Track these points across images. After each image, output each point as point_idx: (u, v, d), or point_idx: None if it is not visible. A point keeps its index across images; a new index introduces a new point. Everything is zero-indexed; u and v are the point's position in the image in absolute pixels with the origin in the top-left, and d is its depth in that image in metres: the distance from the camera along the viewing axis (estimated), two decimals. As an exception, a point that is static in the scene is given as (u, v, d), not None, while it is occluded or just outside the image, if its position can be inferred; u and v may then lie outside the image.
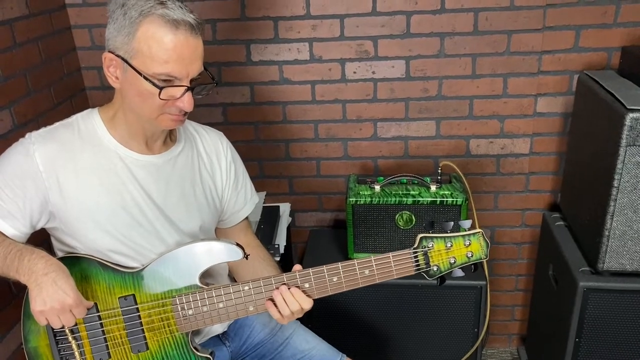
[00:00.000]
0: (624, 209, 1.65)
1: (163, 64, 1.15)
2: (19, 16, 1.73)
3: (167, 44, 1.14)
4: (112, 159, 1.28)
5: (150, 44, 1.14)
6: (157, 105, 1.19)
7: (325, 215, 2.36)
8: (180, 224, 1.36)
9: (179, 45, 1.14)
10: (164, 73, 1.15)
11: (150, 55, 1.14)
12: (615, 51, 1.99)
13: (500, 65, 2.05)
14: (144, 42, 1.14)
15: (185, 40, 1.15)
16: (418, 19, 2.01)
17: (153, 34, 1.13)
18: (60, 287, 1.14)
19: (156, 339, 1.28)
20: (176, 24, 1.13)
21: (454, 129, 2.16)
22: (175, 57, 1.15)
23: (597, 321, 1.78)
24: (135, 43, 1.15)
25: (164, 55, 1.14)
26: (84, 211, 1.25)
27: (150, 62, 1.15)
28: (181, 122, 1.26)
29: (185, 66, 1.17)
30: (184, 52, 1.15)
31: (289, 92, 2.14)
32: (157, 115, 1.22)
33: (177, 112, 1.22)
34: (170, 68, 1.15)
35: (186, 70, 1.17)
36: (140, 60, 1.15)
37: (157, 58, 1.14)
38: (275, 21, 2.04)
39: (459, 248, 1.26)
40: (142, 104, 1.20)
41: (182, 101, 1.19)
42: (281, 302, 1.24)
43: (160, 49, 1.14)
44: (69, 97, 2.02)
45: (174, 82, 1.17)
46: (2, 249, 1.20)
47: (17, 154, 1.24)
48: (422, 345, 2.04)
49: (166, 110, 1.21)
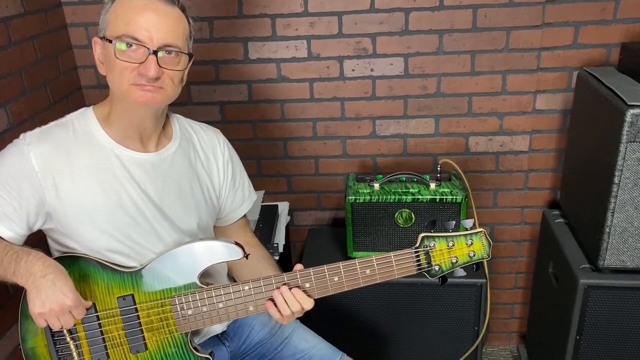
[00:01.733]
0: (625, 205, 1.64)
1: (124, 25, 1.17)
2: (15, 14, 1.72)
3: (134, 7, 1.17)
4: (108, 157, 1.27)
5: (120, 11, 1.18)
6: (120, 70, 1.17)
7: (324, 213, 2.35)
8: (178, 222, 1.35)
9: (145, 8, 1.17)
10: (124, 34, 1.16)
11: (116, 20, 1.18)
12: (614, 47, 1.98)
13: (499, 62, 2.04)
14: (113, 11, 1.19)
15: (152, 4, 1.17)
16: (417, 16, 2.00)
17: (121, 2, 1.18)
18: (59, 289, 1.13)
19: (155, 339, 1.27)
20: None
21: (453, 127, 2.15)
22: (137, 18, 1.16)
23: (597, 318, 1.77)
24: (109, 15, 1.19)
25: (126, 17, 1.17)
26: (81, 211, 1.24)
27: (114, 26, 1.18)
28: (152, 98, 1.20)
29: (149, 29, 1.16)
30: (149, 16, 1.17)
31: (287, 90, 2.13)
32: (126, 87, 1.19)
33: (143, 81, 1.18)
34: (132, 29, 1.16)
35: (149, 34, 1.16)
36: (109, 29, 1.19)
37: (120, 20, 1.17)
38: (272, 19, 2.03)
39: (460, 247, 1.25)
40: (113, 77, 1.20)
41: (145, 66, 1.16)
42: (282, 302, 1.23)
43: (124, 11, 1.18)
44: (65, 96, 2.01)
45: (137, 44, 1.17)
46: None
47: (11, 155, 1.23)
48: (422, 343, 2.03)
49: (132, 80, 1.18)
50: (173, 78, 1.22)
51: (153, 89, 1.20)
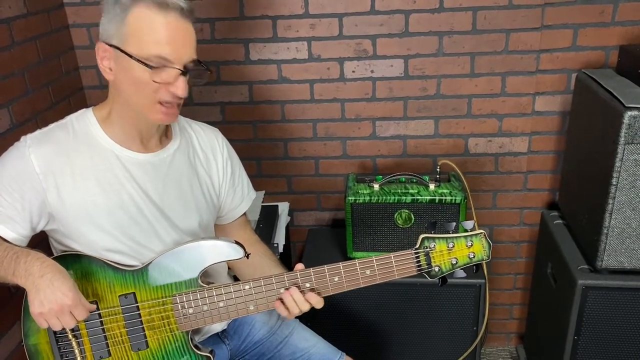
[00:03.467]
0: (623, 206, 1.65)
1: (155, 45, 1.15)
2: (17, 15, 1.73)
3: (158, 25, 1.14)
4: (108, 158, 1.27)
5: (142, 27, 1.14)
6: (150, 91, 1.18)
7: (324, 214, 2.36)
8: (178, 221, 1.36)
9: (169, 26, 1.15)
10: (156, 55, 1.15)
11: (142, 37, 1.15)
12: (613, 50, 1.99)
13: (498, 64, 2.05)
14: (136, 25, 1.15)
15: (176, 22, 1.16)
16: (417, 18, 2.01)
17: (144, 17, 1.14)
18: (57, 288, 1.13)
19: (156, 337, 1.28)
20: (165, 6, 1.14)
21: (453, 128, 2.16)
22: (166, 39, 1.15)
23: (595, 319, 1.78)
24: (126, 28, 1.15)
25: (155, 37, 1.14)
26: (82, 212, 1.25)
27: (142, 44, 1.15)
28: (174, 116, 1.25)
29: (177, 49, 1.16)
30: (176, 34, 1.16)
31: (288, 91, 2.14)
32: (152, 105, 1.20)
33: (171, 99, 1.20)
34: (162, 49, 1.15)
35: (178, 53, 1.17)
36: (132, 45, 1.16)
37: (148, 39, 1.15)
38: (273, 20, 2.04)
39: (460, 249, 1.26)
40: (137, 93, 1.19)
41: (176, 86, 1.18)
42: (291, 303, 1.24)
43: (152, 31, 1.14)
44: (67, 96, 2.02)
45: (167, 65, 1.17)
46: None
47: (13, 158, 1.23)
48: (421, 343, 2.04)
49: (160, 98, 1.19)
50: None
51: (176, 109, 1.23)
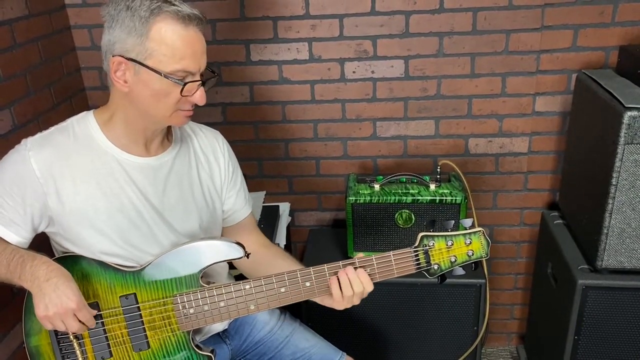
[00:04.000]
0: (623, 206, 1.65)
1: (179, 60, 1.16)
2: (19, 16, 1.74)
3: (182, 40, 1.16)
4: (108, 162, 1.28)
5: (166, 42, 1.15)
6: (172, 102, 1.20)
7: (325, 214, 2.36)
8: (178, 225, 1.36)
9: (192, 40, 1.17)
10: (181, 69, 1.17)
11: (167, 53, 1.15)
12: (613, 50, 2.00)
13: (498, 65, 2.06)
14: (159, 40, 1.14)
15: (196, 35, 1.18)
16: (417, 19, 2.01)
17: (167, 32, 1.14)
18: (62, 292, 1.14)
19: (157, 337, 1.29)
20: (188, 19, 1.15)
21: (453, 128, 2.17)
22: (190, 53, 1.17)
23: (595, 319, 1.78)
24: (149, 43, 1.14)
25: (180, 52, 1.16)
26: (83, 215, 1.25)
27: (166, 60, 1.15)
28: (190, 118, 1.29)
29: (198, 60, 1.19)
30: (196, 47, 1.18)
31: (289, 92, 2.15)
32: (171, 114, 1.23)
33: (190, 108, 1.24)
34: (187, 64, 1.17)
35: (198, 65, 1.20)
36: (156, 60, 1.16)
37: (173, 55, 1.15)
38: (274, 21, 2.05)
39: (459, 247, 1.26)
40: (157, 104, 1.21)
41: (196, 96, 1.21)
42: (345, 281, 1.24)
43: (177, 46, 1.15)
44: (68, 97, 2.03)
45: (188, 77, 1.19)
46: (4, 257, 1.21)
47: (13, 161, 1.24)
48: (422, 343, 2.04)
49: (180, 107, 1.22)
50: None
51: (193, 112, 1.27)
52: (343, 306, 1.29)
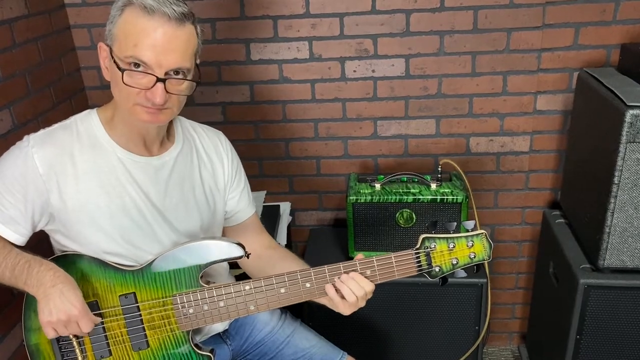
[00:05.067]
0: (625, 205, 1.65)
1: (132, 47, 1.14)
2: (19, 16, 1.73)
3: (139, 28, 1.14)
4: (111, 161, 1.27)
5: (125, 28, 1.15)
6: (127, 93, 1.17)
7: (326, 214, 2.36)
8: (179, 224, 1.36)
9: (150, 31, 1.13)
10: (132, 56, 1.14)
11: (124, 39, 1.16)
12: (614, 48, 1.99)
13: (499, 63, 2.05)
14: (121, 27, 1.16)
15: (161, 28, 1.14)
16: (417, 17, 2.01)
17: (128, 19, 1.15)
18: (67, 299, 1.15)
19: (157, 336, 1.28)
20: (151, 11, 1.13)
21: (454, 127, 2.16)
22: (145, 43, 1.14)
23: (597, 318, 1.77)
24: (115, 29, 1.17)
25: (133, 39, 1.14)
26: (84, 214, 1.25)
27: (122, 45, 1.16)
28: (157, 118, 1.21)
29: (157, 54, 1.14)
30: (156, 40, 1.14)
31: (289, 91, 2.14)
32: (131, 105, 1.19)
33: (149, 105, 1.18)
34: (139, 52, 1.14)
35: (157, 59, 1.14)
36: (116, 45, 1.17)
37: (127, 41, 1.15)
38: (274, 20, 2.04)
39: (461, 249, 1.25)
40: (119, 93, 1.20)
41: (152, 92, 1.16)
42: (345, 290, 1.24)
43: (132, 33, 1.15)
44: (68, 96, 2.02)
45: (145, 70, 1.15)
46: (10, 260, 1.20)
47: (16, 158, 1.23)
48: (423, 343, 2.03)
49: (138, 101, 1.18)
50: (179, 98, 1.22)
51: (158, 111, 1.20)
52: (350, 310, 1.29)
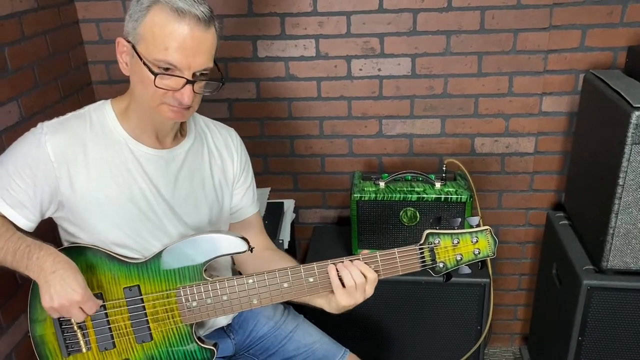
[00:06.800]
0: (629, 207, 1.64)
1: (163, 50, 1.15)
2: (28, 9, 1.74)
3: (169, 31, 1.14)
4: (122, 152, 1.28)
5: (154, 30, 1.15)
6: (155, 93, 1.18)
7: (330, 212, 2.36)
8: (187, 218, 1.36)
9: (181, 34, 1.14)
10: (163, 60, 1.15)
11: (152, 41, 1.15)
12: (621, 51, 1.99)
13: (506, 64, 2.05)
14: (149, 27, 1.15)
15: (190, 30, 1.14)
16: (424, 17, 2.01)
17: (157, 21, 1.14)
18: (68, 284, 1.14)
19: (160, 329, 1.29)
20: (181, 13, 1.13)
21: (459, 127, 2.16)
22: (175, 46, 1.14)
23: (600, 320, 1.77)
24: (141, 28, 1.16)
25: (164, 42, 1.14)
26: (93, 203, 1.26)
27: (151, 47, 1.15)
28: (182, 116, 1.24)
29: (186, 57, 1.15)
30: (186, 42, 1.15)
31: (295, 89, 2.15)
32: (157, 105, 1.21)
33: (176, 104, 1.20)
34: (169, 56, 1.15)
35: (187, 62, 1.16)
36: (143, 46, 1.17)
37: (157, 44, 1.15)
38: (282, 17, 2.05)
39: (466, 245, 1.25)
40: (144, 91, 1.20)
41: (181, 94, 1.18)
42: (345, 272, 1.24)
43: (162, 36, 1.14)
44: (75, 90, 2.03)
45: (174, 72, 1.17)
46: (11, 244, 1.20)
47: (29, 143, 1.24)
48: (425, 341, 2.04)
49: (165, 101, 1.20)
50: (201, 96, 1.24)
51: (184, 109, 1.22)
52: (346, 302, 1.27)
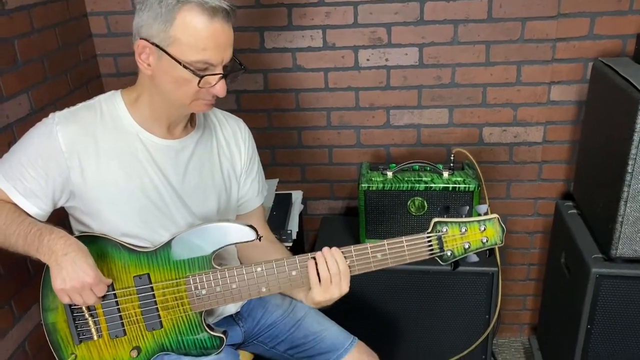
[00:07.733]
0: (638, 194, 1.64)
1: (201, 51, 1.16)
2: (37, 2, 1.76)
3: (206, 32, 1.15)
4: (133, 142, 1.30)
5: (189, 32, 1.15)
6: (192, 91, 1.21)
7: (337, 203, 2.37)
8: (196, 208, 1.38)
9: (216, 32, 1.16)
10: (202, 60, 1.17)
11: (188, 42, 1.16)
12: (630, 38, 1.97)
13: (514, 53, 2.04)
14: (182, 29, 1.15)
15: (222, 27, 1.17)
16: (432, 6, 2.00)
17: (191, 22, 1.15)
18: (79, 267, 1.16)
19: (170, 317, 1.30)
20: (213, 11, 1.15)
21: (467, 117, 2.16)
22: (212, 45, 1.17)
23: (609, 308, 1.77)
24: (172, 31, 1.16)
25: (202, 43, 1.16)
26: (104, 193, 1.28)
27: (188, 49, 1.16)
28: (212, 106, 1.29)
29: (221, 53, 1.19)
30: (220, 39, 1.17)
31: (302, 80, 2.15)
32: (191, 102, 1.24)
33: (210, 98, 1.24)
34: (208, 55, 1.17)
35: (221, 57, 1.19)
36: (177, 48, 1.17)
37: (195, 46, 1.16)
38: (289, 8, 2.05)
39: (473, 233, 1.25)
40: (177, 91, 1.22)
41: (216, 88, 1.22)
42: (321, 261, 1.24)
43: (199, 37, 1.15)
44: (84, 83, 2.05)
45: (209, 69, 1.20)
46: (22, 228, 1.22)
47: (40, 134, 1.26)
48: (434, 331, 2.04)
49: (199, 97, 1.23)
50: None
51: (215, 101, 1.27)
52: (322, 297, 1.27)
